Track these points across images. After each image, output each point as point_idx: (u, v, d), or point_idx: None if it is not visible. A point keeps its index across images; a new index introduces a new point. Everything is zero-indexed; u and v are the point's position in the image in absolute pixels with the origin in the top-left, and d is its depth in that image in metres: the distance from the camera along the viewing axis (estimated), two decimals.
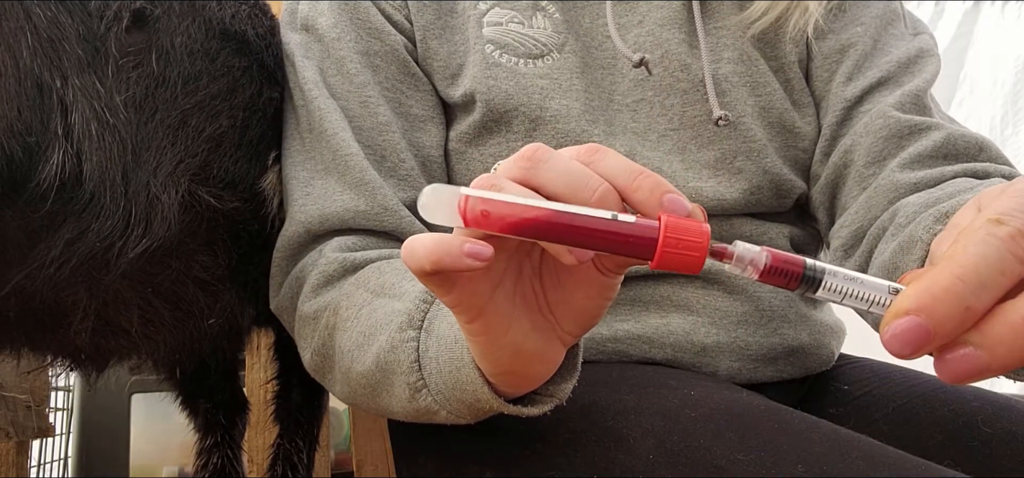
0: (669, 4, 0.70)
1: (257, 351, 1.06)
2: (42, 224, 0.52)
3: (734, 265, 0.33)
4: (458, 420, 0.48)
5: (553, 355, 0.42)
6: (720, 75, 0.68)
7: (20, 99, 0.48)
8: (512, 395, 0.45)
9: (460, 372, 0.44)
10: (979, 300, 0.28)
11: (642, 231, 0.31)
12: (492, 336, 0.39)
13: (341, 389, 0.59)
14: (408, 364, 0.48)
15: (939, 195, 0.56)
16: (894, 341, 0.29)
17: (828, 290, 0.32)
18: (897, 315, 0.29)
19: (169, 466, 1.38)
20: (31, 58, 0.49)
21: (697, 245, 0.31)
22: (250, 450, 1.06)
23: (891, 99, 0.65)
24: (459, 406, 0.46)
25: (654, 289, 0.64)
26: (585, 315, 0.40)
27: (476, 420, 0.48)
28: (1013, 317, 0.28)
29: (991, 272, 0.29)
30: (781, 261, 0.32)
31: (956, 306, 0.28)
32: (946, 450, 0.57)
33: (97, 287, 0.56)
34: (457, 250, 0.34)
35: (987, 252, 0.29)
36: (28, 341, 0.64)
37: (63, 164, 0.50)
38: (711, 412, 0.48)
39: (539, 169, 0.36)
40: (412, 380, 0.48)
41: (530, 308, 0.40)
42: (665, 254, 0.31)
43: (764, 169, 0.68)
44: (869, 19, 0.71)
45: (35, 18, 0.50)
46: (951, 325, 0.29)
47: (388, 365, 0.50)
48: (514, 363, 0.41)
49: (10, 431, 0.92)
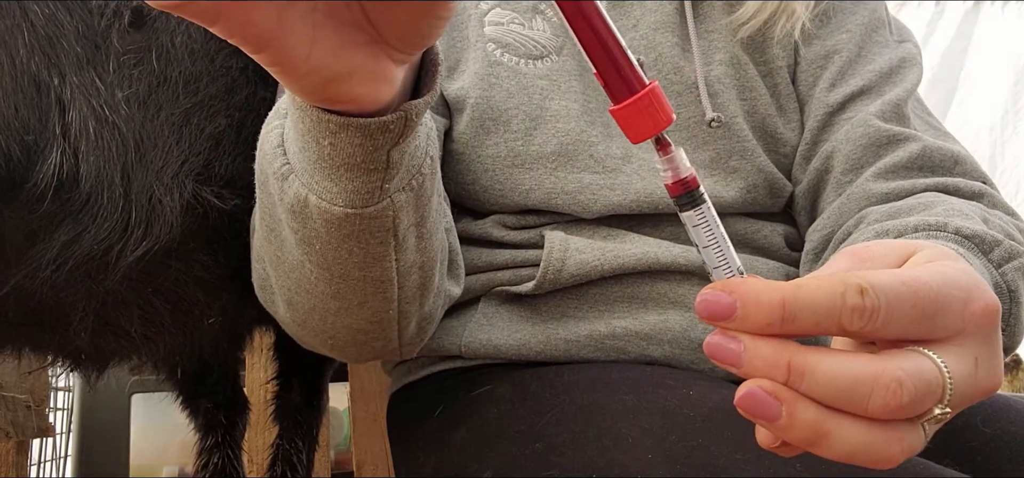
0: (662, 7, 0.70)
1: (257, 351, 1.07)
2: (40, 224, 0.52)
3: (665, 161, 0.34)
4: (324, 202, 0.42)
5: (380, 72, 0.35)
6: (712, 77, 0.69)
7: (17, 97, 0.48)
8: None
9: (299, 124, 0.40)
10: (791, 324, 0.30)
11: (634, 78, 0.32)
12: (290, 65, 0.32)
13: (277, 285, 0.54)
14: (272, 149, 0.44)
15: (900, 207, 0.58)
16: (701, 304, 0.31)
17: (694, 226, 0.35)
18: (720, 287, 0.31)
19: (169, 466, 1.38)
20: (28, 56, 0.49)
21: (656, 122, 0.32)
22: (250, 450, 1.07)
23: (873, 107, 0.66)
24: (320, 175, 0.41)
25: (651, 286, 0.65)
26: (412, 31, 0.33)
27: (344, 205, 0.42)
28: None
29: (816, 316, 0.30)
30: (689, 179, 0.34)
31: (769, 310, 0.30)
32: (946, 450, 0.57)
33: (96, 288, 0.56)
34: None
35: (829, 301, 0.30)
36: (28, 341, 0.64)
37: (61, 163, 0.50)
38: (710, 411, 0.48)
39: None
40: (277, 166, 0.44)
41: (339, 24, 0.32)
42: (628, 109, 0.32)
43: (758, 168, 0.68)
44: (854, 26, 0.72)
45: (32, 15, 0.49)
46: (757, 323, 0.31)
47: (262, 170, 0.47)
48: (329, 88, 0.34)
49: (10, 431, 0.93)
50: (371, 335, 0.54)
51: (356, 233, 0.44)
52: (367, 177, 0.41)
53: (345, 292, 0.49)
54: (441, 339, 0.67)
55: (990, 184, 0.64)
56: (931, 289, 0.32)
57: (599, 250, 0.63)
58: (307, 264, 0.48)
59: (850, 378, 0.30)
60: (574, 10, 0.31)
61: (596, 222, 0.67)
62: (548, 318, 0.65)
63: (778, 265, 0.69)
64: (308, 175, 0.42)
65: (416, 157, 0.43)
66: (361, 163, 0.40)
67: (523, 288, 0.65)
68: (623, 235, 0.66)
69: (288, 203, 0.44)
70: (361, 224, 0.43)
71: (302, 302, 0.52)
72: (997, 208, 0.60)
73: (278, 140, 0.45)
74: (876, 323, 0.30)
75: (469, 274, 0.67)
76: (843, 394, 0.30)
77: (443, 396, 0.66)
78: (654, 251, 0.64)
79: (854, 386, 0.30)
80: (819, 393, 0.30)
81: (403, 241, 0.47)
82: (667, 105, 0.32)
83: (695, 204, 0.34)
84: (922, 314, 0.31)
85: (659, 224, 0.67)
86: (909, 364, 0.31)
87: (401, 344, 0.56)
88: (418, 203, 0.46)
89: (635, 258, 0.63)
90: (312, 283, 0.49)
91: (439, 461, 0.62)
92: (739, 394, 0.31)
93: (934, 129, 0.69)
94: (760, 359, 0.31)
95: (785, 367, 0.30)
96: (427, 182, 0.46)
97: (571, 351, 0.64)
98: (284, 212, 0.45)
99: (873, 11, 0.73)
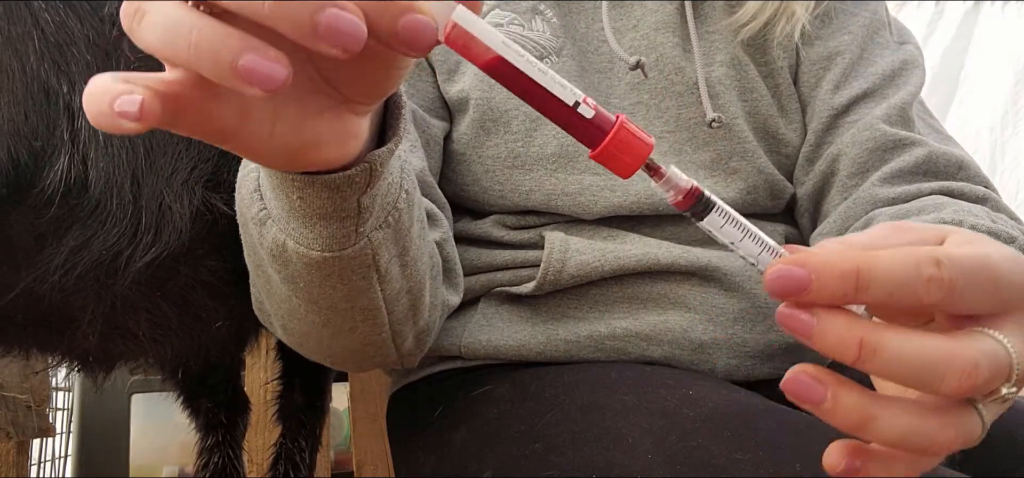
0: (663, 8, 0.70)
1: (257, 352, 1.07)
2: (49, 229, 0.52)
3: (662, 185, 0.34)
4: (301, 247, 0.42)
5: (346, 131, 0.35)
6: (713, 78, 0.69)
7: (27, 103, 0.48)
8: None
9: (270, 176, 0.40)
10: (865, 294, 0.29)
11: (598, 123, 0.31)
12: (254, 149, 0.32)
13: (272, 311, 0.54)
14: (249, 194, 0.44)
15: (909, 208, 0.59)
16: (774, 280, 0.30)
17: (720, 228, 0.34)
18: (792, 261, 0.30)
19: (169, 466, 1.38)
20: (38, 62, 0.49)
21: (637, 153, 0.32)
22: (250, 450, 1.07)
23: (878, 111, 0.67)
24: (295, 222, 0.42)
25: (651, 287, 0.65)
26: (371, 87, 0.33)
27: (321, 249, 0.42)
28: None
29: (890, 286, 0.29)
30: (696, 191, 0.34)
31: (842, 279, 0.29)
32: None
33: (105, 292, 0.56)
34: (107, 108, 0.27)
35: (904, 272, 0.29)
36: (37, 343, 0.64)
37: (69, 169, 0.50)
38: (710, 411, 0.48)
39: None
40: (255, 212, 0.44)
41: (299, 95, 0.32)
42: (605, 151, 0.32)
43: (759, 169, 0.69)
44: (856, 28, 0.72)
45: (43, 23, 0.49)
46: (832, 293, 0.30)
47: (242, 214, 0.47)
48: (297, 159, 0.35)
49: (10, 431, 0.93)
50: (367, 353, 0.54)
51: (337, 272, 0.44)
52: (340, 224, 0.41)
53: (335, 321, 0.49)
54: (441, 340, 0.67)
55: (993, 189, 0.64)
56: (996, 263, 0.31)
57: (599, 251, 0.64)
58: (294, 298, 0.48)
59: (924, 358, 0.29)
60: (512, 77, 0.30)
61: (596, 223, 0.67)
62: (548, 319, 0.65)
63: None
64: (284, 221, 0.42)
65: (389, 195, 0.43)
66: (332, 213, 0.40)
67: (523, 289, 0.65)
68: (623, 236, 0.66)
69: (268, 247, 0.44)
70: (341, 265, 0.44)
71: (296, 328, 0.53)
72: (1001, 212, 0.61)
73: (255, 185, 0.45)
74: (954, 295, 0.30)
75: (469, 274, 0.68)
76: (915, 373, 0.29)
77: (443, 396, 0.66)
78: (654, 252, 0.64)
79: (928, 366, 0.29)
80: (890, 371, 0.30)
81: (386, 273, 0.47)
82: (642, 133, 0.32)
83: (708, 208, 0.34)
84: (995, 287, 0.31)
85: (659, 224, 0.67)
86: (982, 344, 0.30)
87: (400, 356, 0.56)
88: (397, 237, 0.46)
89: (635, 259, 0.63)
90: (302, 314, 0.50)
91: (439, 461, 0.62)
92: (786, 378, 0.31)
93: (937, 133, 0.70)
94: (833, 334, 0.30)
95: (857, 343, 0.30)
96: (404, 215, 0.46)
97: (571, 352, 0.64)
98: (265, 254, 0.46)
99: (874, 13, 0.73)
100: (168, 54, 0.27)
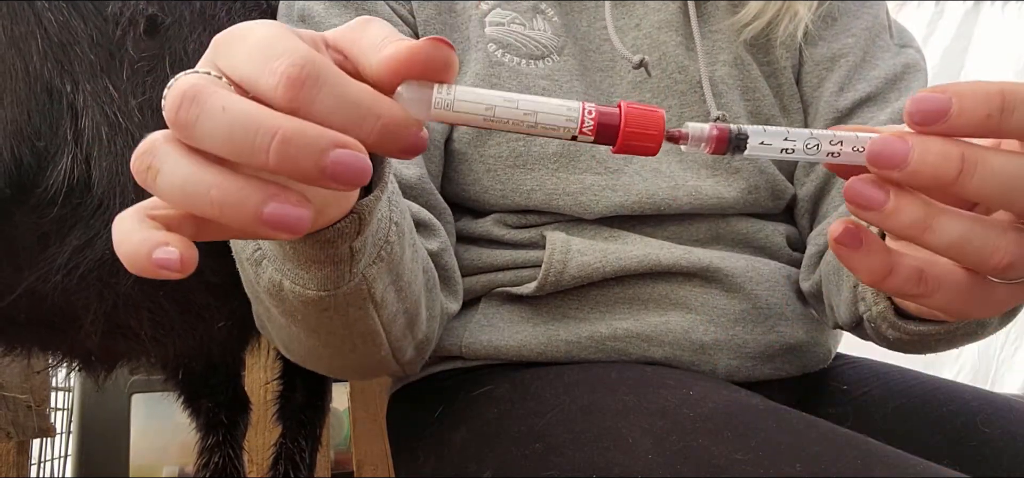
0: (665, 7, 0.71)
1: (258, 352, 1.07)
2: (52, 228, 0.52)
3: (690, 145, 0.33)
4: (297, 287, 0.43)
5: (346, 192, 0.37)
6: (716, 77, 0.69)
7: (30, 103, 0.48)
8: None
9: None
10: (1009, 117, 0.29)
11: (605, 119, 0.31)
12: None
13: (273, 332, 0.56)
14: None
15: None
16: (914, 108, 0.30)
17: (784, 151, 0.33)
18: (930, 89, 0.30)
19: (169, 466, 1.38)
20: (41, 62, 0.49)
21: (652, 126, 0.32)
22: (250, 450, 1.07)
23: (882, 116, 0.67)
24: (290, 265, 0.43)
25: (653, 288, 0.65)
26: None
27: (317, 289, 0.43)
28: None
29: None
30: (723, 131, 0.33)
31: (987, 99, 0.29)
32: (945, 450, 0.57)
33: (107, 292, 0.56)
34: (144, 259, 0.28)
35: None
36: (39, 342, 0.64)
37: (71, 169, 0.50)
38: (710, 411, 0.49)
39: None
40: (250, 252, 0.45)
41: None
42: (622, 141, 0.32)
43: (760, 169, 0.69)
44: (859, 31, 0.72)
45: (46, 22, 0.50)
46: (975, 116, 0.30)
47: (236, 253, 0.48)
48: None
49: (11, 431, 0.93)
50: (369, 368, 0.56)
51: (334, 307, 0.45)
52: (334, 267, 0.42)
53: (335, 344, 0.50)
54: (442, 340, 0.67)
55: None
56: None
57: (601, 252, 0.64)
58: (293, 327, 0.49)
59: (1022, 176, 0.30)
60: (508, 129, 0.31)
61: (598, 222, 0.67)
62: (549, 319, 0.65)
63: (780, 265, 0.69)
64: (280, 262, 0.43)
65: (379, 232, 0.44)
66: (325, 259, 0.41)
67: (524, 289, 0.65)
68: (624, 236, 0.66)
69: (264, 285, 0.45)
70: (336, 301, 0.44)
71: (297, 349, 0.54)
72: None
73: None
74: None
75: (470, 274, 0.68)
76: (1012, 190, 0.30)
77: (443, 396, 0.66)
78: (656, 252, 0.64)
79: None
80: (987, 189, 0.30)
81: (382, 301, 0.48)
82: (647, 108, 0.32)
83: (744, 138, 0.33)
84: None
85: (661, 224, 0.67)
86: None
87: (401, 366, 0.58)
88: (390, 267, 0.47)
89: (637, 260, 0.63)
90: (302, 339, 0.51)
91: (439, 461, 0.62)
92: (848, 183, 0.31)
93: None
94: (933, 152, 0.30)
95: (959, 157, 0.30)
96: (395, 247, 0.47)
97: (572, 352, 0.64)
98: (262, 292, 0.46)
99: (875, 16, 0.73)
100: (191, 209, 0.28)
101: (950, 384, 0.65)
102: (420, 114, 0.30)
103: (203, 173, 0.27)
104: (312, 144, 0.27)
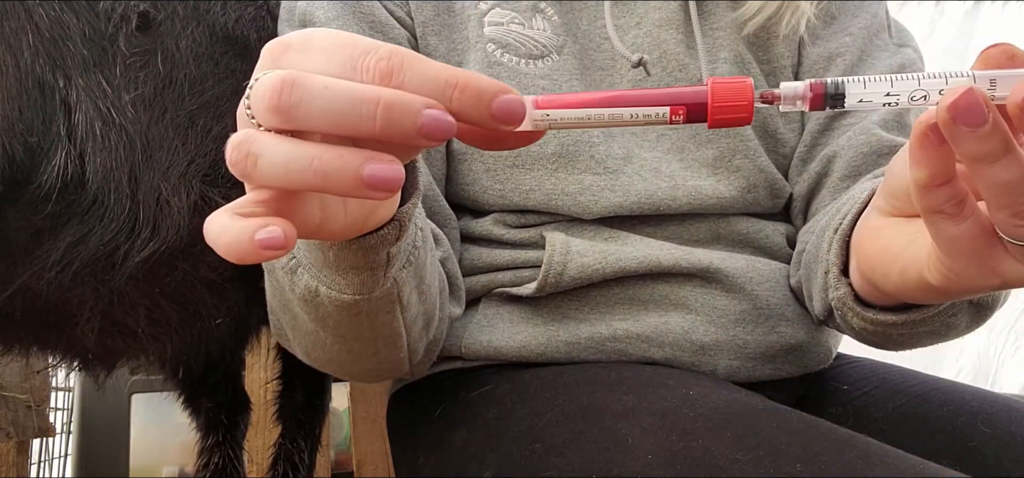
0: (666, 5, 0.70)
1: (258, 351, 1.07)
2: (46, 225, 0.52)
3: (785, 105, 0.35)
4: (334, 292, 0.46)
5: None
6: (717, 75, 0.69)
7: (21, 99, 0.48)
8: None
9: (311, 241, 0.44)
10: None
11: (693, 98, 0.33)
12: (333, 231, 0.37)
13: (294, 340, 0.58)
14: None
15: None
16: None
17: (855, 99, 0.34)
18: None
19: (169, 466, 1.38)
20: (32, 58, 0.49)
21: (742, 94, 0.33)
22: (250, 450, 1.07)
23: (876, 116, 0.67)
24: (328, 271, 0.45)
25: (652, 288, 0.65)
26: (408, 150, 0.36)
27: (353, 294, 0.46)
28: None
29: None
30: (818, 87, 0.34)
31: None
32: (945, 450, 0.57)
33: (103, 288, 0.56)
34: (248, 243, 0.29)
35: None
36: (36, 340, 0.64)
37: (65, 165, 0.50)
38: (710, 412, 0.48)
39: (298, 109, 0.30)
40: (285, 261, 0.47)
41: None
42: (714, 113, 0.33)
43: (759, 167, 0.68)
44: (857, 30, 0.72)
45: (37, 18, 0.50)
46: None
47: (269, 263, 0.50)
48: (362, 228, 0.39)
49: (11, 431, 0.93)
50: (386, 370, 0.59)
51: (366, 311, 0.48)
52: (370, 272, 0.45)
53: (359, 349, 0.53)
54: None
55: None
56: None
57: (600, 253, 0.63)
58: (321, 333, 0.52)
59: None
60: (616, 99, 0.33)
61: (597, 223, 0.66)
62: (549, 320, 0.65)
63: (780, 265, 0.69)
64: (317, 269, 0.46)
65: (410, 237, 0.47)
66: (363, 265, 0.44)
67: (524, 290, 0.65)
68: (624, 237, 0.66)
69: (299, 293, 0.48)
70: (370, 305, 0.47)
71: (319, 355, 0.56)
72: None
73: None
74: None
75: (470, 275, 0.67)
76: None
77: (443, 396, 0.66)
78: (655, 253, 0.64)
79: None
80: None
81: (407, 304, 0.51)
82: (734, 80, 0.33)
83: (842, 90, 0.34)
84: None
85: (661, 225, 0.67)
86: None
87: (411, 367, 0.59)
88: (417, 271, 0.50)
89: (636, 261, 0.63)
90: (327, 346, 0.53)
91: (439, 461, 0.62)
92: (955, 96, 0.32)
93: None
94: None
95: None
96: (421, 252, 0.49)
97: (572, 353, 0.64)
98: (296, 299, 0.49)
99: (874, 14, 0.73)
100: (294, 184, 0.30)
101: (950, 384, 0.65)
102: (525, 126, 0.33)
103: (303, 149, 0.30)
104: (410, 106, 0.29)
